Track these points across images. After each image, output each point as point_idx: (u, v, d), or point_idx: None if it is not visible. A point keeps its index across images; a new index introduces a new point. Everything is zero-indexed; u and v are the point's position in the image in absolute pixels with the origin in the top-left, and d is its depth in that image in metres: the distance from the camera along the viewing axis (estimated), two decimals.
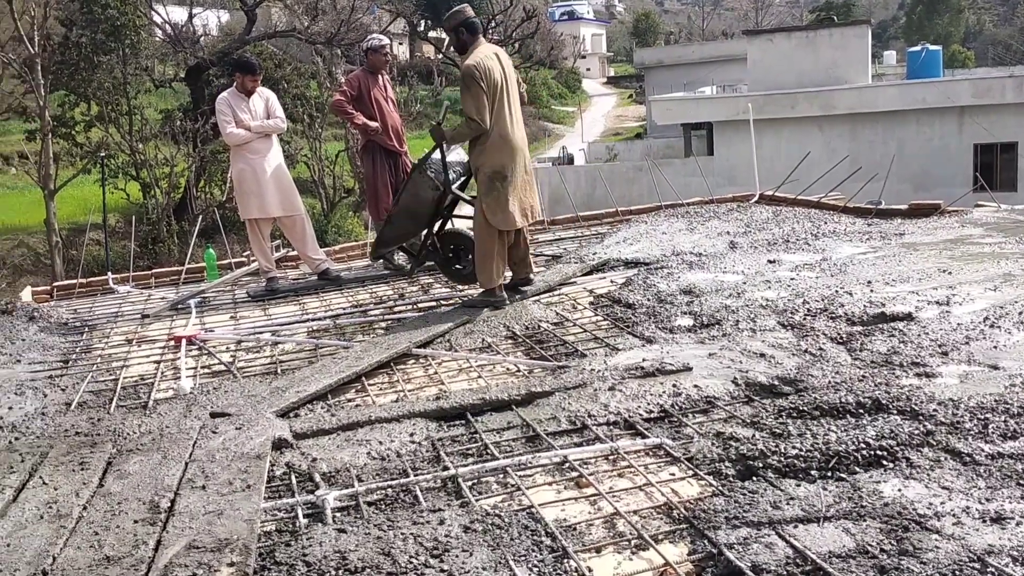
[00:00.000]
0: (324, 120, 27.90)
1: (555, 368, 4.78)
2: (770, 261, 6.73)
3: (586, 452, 3.68)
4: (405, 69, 43.63)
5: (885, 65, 35.94)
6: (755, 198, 9.99)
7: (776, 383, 4.21)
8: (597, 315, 5.88)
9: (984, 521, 2.81)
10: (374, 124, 7.61)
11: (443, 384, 4.79)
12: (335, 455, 3.84)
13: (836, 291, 5.66)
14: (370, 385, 4.87)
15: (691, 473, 3.42)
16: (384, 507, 3.34)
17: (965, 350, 4.42)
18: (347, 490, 3.46)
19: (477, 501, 3.30)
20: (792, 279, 6.11)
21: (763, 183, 10.65)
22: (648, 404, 4.10)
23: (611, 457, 3.64)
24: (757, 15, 75.06)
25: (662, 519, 3.09)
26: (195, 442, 4.00)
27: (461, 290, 6.87)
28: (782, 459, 3.34)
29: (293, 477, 3.68)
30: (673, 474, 3.45)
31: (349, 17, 28.05)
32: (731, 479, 3.31)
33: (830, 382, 4.13)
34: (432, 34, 49.72)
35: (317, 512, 3.32)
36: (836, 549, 2.71)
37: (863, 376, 4.18)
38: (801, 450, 3.38)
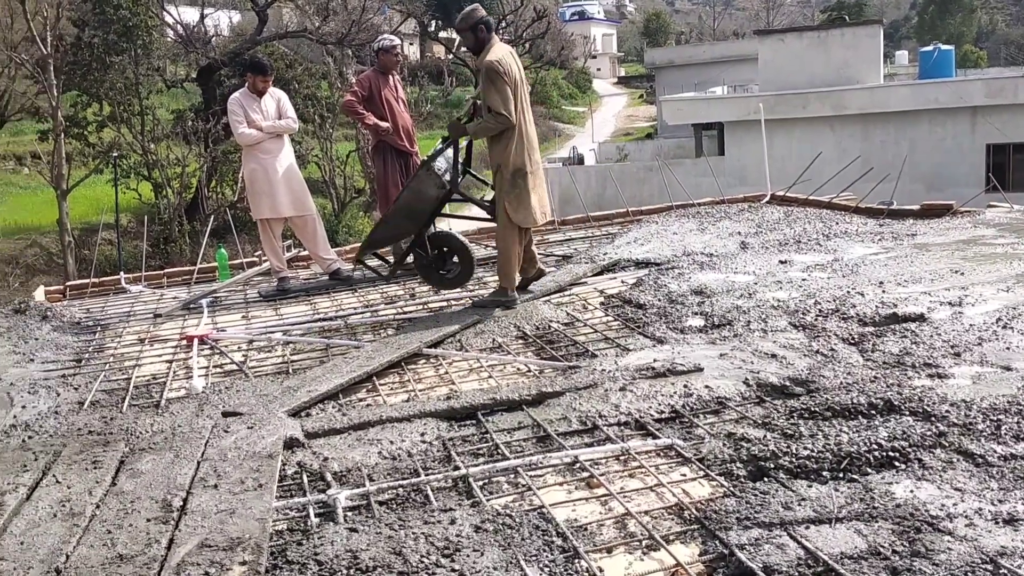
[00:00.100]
0: (335, 120, 27.95)
1: (566, 368, 4.78)
2: (781, 262, 6.71)
3: (597, 452, 3.68)
4: (416, 69, 43.77)
5: (897, 65, 35.84)
6: (766, 198, 9.96)
7: (788, 384, 4.20)
8: (608, 315, 5.88)
9: (997, 523, 2.80)
10: (385, 124, 7.62)
11: (454, 384, 4.79)
12: (346, 454, 3.85)
13: (848, 292, 5.65)
14: (381, 385, 4.88)
15: (702, 474, 3.42)
16: (395, 506, 3.35)
17: (978, 351, 4.41)
18: (358, 489, 3.46)
19: (488, 501, 3.30)
20: (804, 280, 6.09)
21: (774, 183, 10.63)
22: (659, 405, 4.10)
23: (622, 457, 3.64)
24: (768, 15, 74.83)
25: (673, 520, 3.09)
26: (207, 441, 4.02)
27: (472, 290, 6.88)
28: (794, 460, 3.33)
29: (305, 476, 3.69)
30: (684, 475, 3.45)
31: (360, 17, 28.09)
32: (742, 480, 3.31)
33: (842, 383, 4.12)
34: (443, 34, 49.76)
35: (329, 511, 3.33)
36: (848, 550, 2.71)
37: (875, 377, 4.16)
38: (813, 451, 3.37)
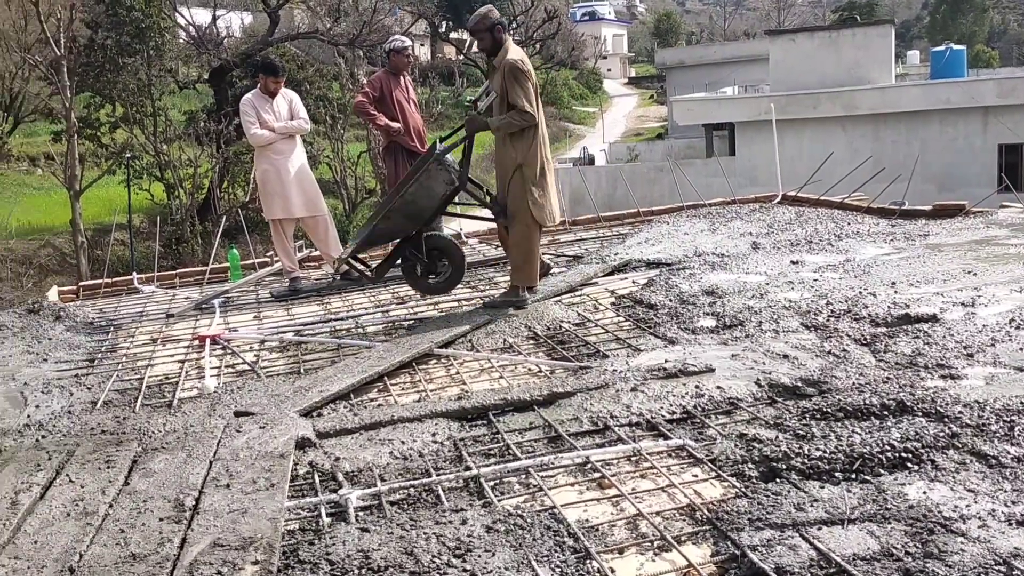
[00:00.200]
0: (346, 121, 28.01)
1: (577, 369, 4.77)
2: (793, 262, 6.69)
3: (608, 453, 3.67)
4: (427, 70, 43.78)
5: (908, 65, 35.66)
6: (778, 198, 9.94)
7: (800, 384, 4.19)
8: (619, 316, 5.87)
9: (1010, 524, 2.79)
10: (396, 125, 7.64)
11: (465, 384, 4.80)
12: (358, 454, 3.85)
13: (860, 292, 5.63)
14: (392, 385, 4.89)
15: (714, 474, 3.41)
16: (407, 507, 3.35)
17: (991, 352, 4.38)
18: (370, 489, 3.47)
19: (499, 501, 3.31)
20: (815, 280, 6.07)
21: (785, 183, 10.61)
22: (670, 405, 4.10)
23: (633, 458, 3.64)
24: (779, 15, 74.67)
25: (685, 520, 3.09)
26: (219, 441, 4.03)
27: (483, 290, 6.88)
28: (806, 461, 3.32)
29: (316, 476, 3.70)
30: (696, 475, 3.44)
31: (371, 19, 28.11)
32: (754, 481, 3.30)
33: (854, 384, 4.10)
34: (453, 35, 49.78)
35: (340, 511, 3.34)
36: (860, 551, 2.70)
37: (887, 378, 4.15)
38: (825, 452, 3.36)
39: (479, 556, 2.86)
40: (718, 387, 4.24)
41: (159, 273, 9.19)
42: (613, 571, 2.78)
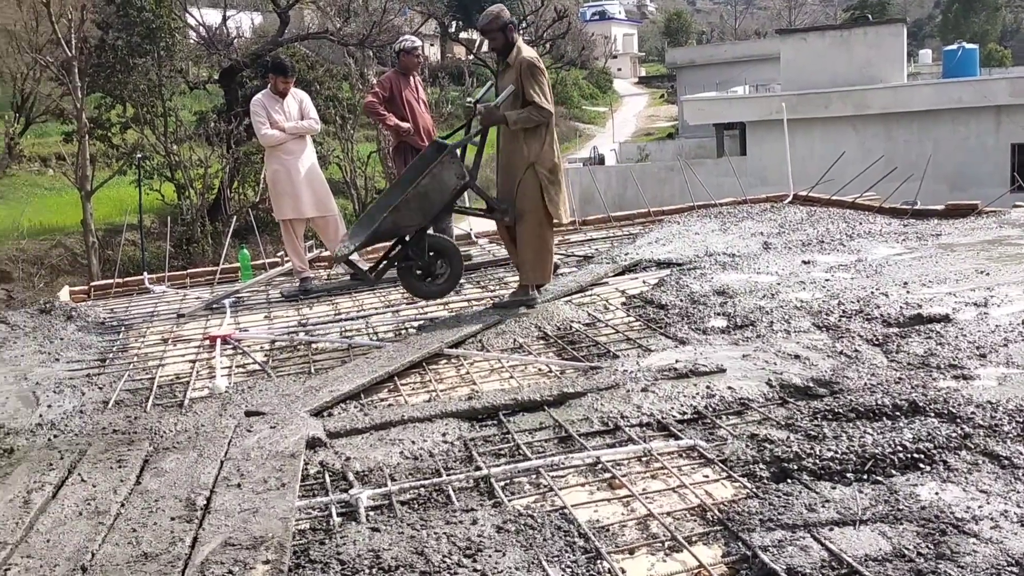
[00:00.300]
0: (356, 121, 28.02)
1: (587, 369, 4.77)
2: (804, 262, 6.67)
3: (619, 453, 3.67)
4: (436, 70, 43.80)
5: (920, 64, 35.53)
6: (789, 198, 9.91)
7: (811, 385, 4.18)
8: (629, 316, 5.87)
9: (1023, 525, 2.78)
10: (406, 125, 7.65)
11: (475, 384, 4.80)
12: (368, 454, 3.86)
13: (872, 292, 5.61)
14: (403, 385, 4.89)
15: (725, 475, 3.41)
16: (417, 506, 3.36)
17: (1003, 352, 4.36)
18: (380, 489, 3.47)
19: (510, 501, 3.31)
20: (827, 280, 6.06)
21: (797, 183, 10.57)
22: (681, 405, 4.09)
23: (644, 458, 3.63)
24: (790, 14, 74.39)
25: (696, 521, 3.08)
26: (230, 440, 4.04)
27: (493, 290, 6.88)
28: (817, 461, 3.31)
29: (327, 476, 3.70)
30: (707, 476, 3.44)
31: (381, 19, 28.13)
32: (765, 481, 3.29)
33: (866, 384, 4.09)
34: (463, 35, 49.78)
35: (351, 511, 3.34)
36: (872, 552, 2.69)
37: (899, 378, 4.14)
38: (836, 452, 3.35)
39: (489, 556, 2.86)
40: (729, 387, 4.23)
41: (170, 273, 9.22)
42: (624, 571, 2.78)
